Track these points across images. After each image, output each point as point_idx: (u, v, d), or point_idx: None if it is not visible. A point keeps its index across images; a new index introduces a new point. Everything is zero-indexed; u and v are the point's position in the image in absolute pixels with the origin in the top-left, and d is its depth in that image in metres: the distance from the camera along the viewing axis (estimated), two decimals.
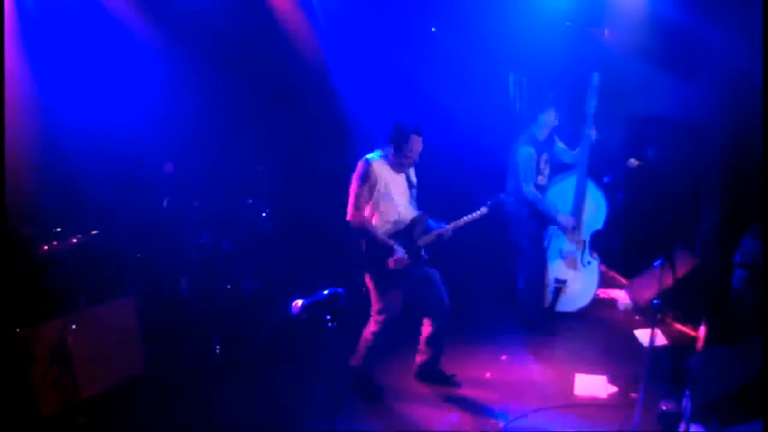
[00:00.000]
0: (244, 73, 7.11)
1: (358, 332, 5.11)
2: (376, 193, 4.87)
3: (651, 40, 6.73)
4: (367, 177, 4.84)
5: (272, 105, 7.36)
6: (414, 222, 4.98)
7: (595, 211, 6.18)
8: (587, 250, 6.28)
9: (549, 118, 5.98)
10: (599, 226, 6.26)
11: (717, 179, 6.75)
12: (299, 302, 4.15)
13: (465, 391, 5.23)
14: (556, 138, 6.18)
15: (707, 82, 6.67)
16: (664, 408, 4.77)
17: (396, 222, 4.93)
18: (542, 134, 6.01)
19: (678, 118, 6.96)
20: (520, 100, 7.72)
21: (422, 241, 4.99)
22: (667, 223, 6.75)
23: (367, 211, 4.90)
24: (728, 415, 4.12)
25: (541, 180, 6.07)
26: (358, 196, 4.85)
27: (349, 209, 4.86)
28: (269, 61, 7.24)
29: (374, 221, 4.91)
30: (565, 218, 6.13)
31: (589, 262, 6.31)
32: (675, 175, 6.91)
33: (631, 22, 6.75)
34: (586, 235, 6.27)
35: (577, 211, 6.14)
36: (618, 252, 7.43)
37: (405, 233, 4.95)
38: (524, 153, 5.91)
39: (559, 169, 6.25)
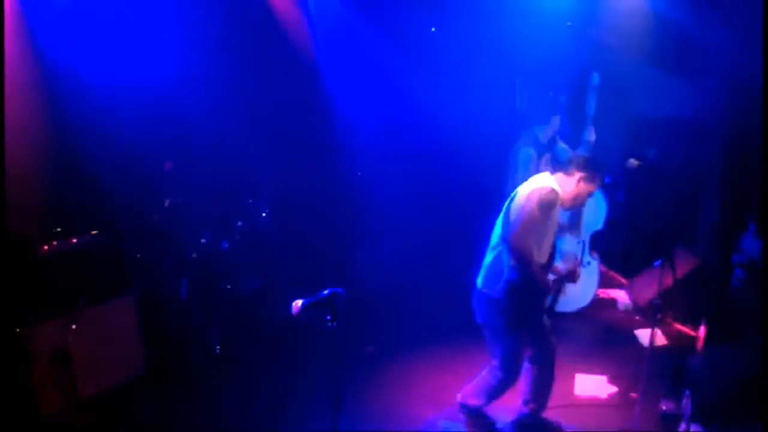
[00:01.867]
0: (243, 74, 7.12)
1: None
2: (545, 226, 4.23)
3: (651, 40, 6.73)
4: (551, 208, 4.18)
5: (272, 105, 7.37)
6: (552, 260, 4.45)
7: (595, 211, 6.18)
8: (587, 250, 6.27)
9: (553, 121, 5.98)
10: (599, 226, 6.25)
11: (717, 179, 6.75)
12: (299, 302, 4.16)
13: None
14: (557, 138, 6.18)
15: (707, 82, 6.68)
16: (664, 408, 4.77)
17: (543, 259, 4.34)
18: (545, 136, 6.02)
19: (678, 118, 6.96)
20: (520, 101, 7.72)
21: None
22: (667, 223, 6.74)
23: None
24: (728, 415, 4.12)
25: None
26: (534, 225, 4.15)
27: (519, 234, 4.12)
28: (270, 63, 7.25)
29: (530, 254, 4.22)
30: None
31: (588, 262, 6.31)
32: (675, 175, 6.91)
33: (631, 21, 6.75)
34: (586, 235, 6.26)
35: (577, 211, 6.14)
36: (618, 252, 7.43)
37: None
38: (524, 154, 5.92)
39: None
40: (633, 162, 5.34)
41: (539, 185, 4.22)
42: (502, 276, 4.30)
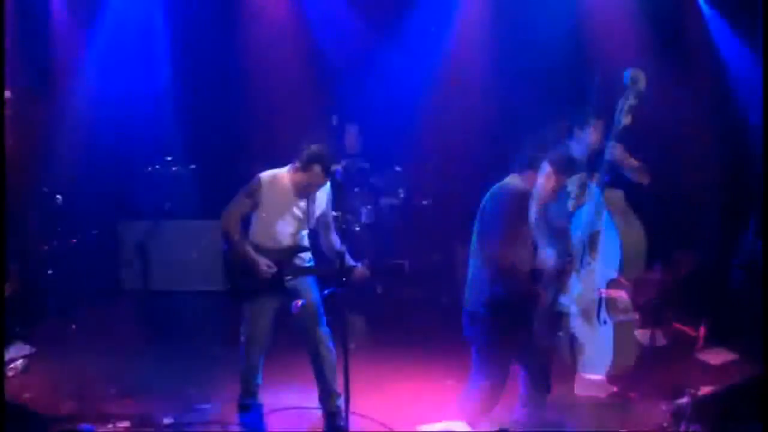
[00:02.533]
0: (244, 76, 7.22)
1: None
2: (518, 230, 4.05)
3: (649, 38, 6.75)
4: (521, 210, 4.02)
5: (272, 107, 7.41)
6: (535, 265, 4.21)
7: (595, 210, 5.33)
8: (587, 251, 5.87)
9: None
10: (599, 226, 5.27)
11: (717, 179, 6.77)
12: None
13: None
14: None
15: (706, 81, 6.70)
16: (664, 408, 4.77)
17: (525, 266, 4.12)
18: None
19: (677, 118, 6.93)
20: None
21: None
22: (667, 223, 6.73)
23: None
24: (728, 415, 4.12)
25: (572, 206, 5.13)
26: (507, 230, 3.97)
27: (493, 242, 3.99)
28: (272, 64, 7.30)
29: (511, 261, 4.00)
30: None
31: (589, 263, 6.09)
32: (675, 176, 6.91)
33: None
34: (585, 235, 5.34)
35: (588, 242, 5.07)
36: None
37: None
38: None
39: None
40: (632, 162, 5.30)
41: (503, 187, 4.13)
42: (482, 289, 4.10)
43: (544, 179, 4.15)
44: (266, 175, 4.51)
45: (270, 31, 7.40)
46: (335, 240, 4.63)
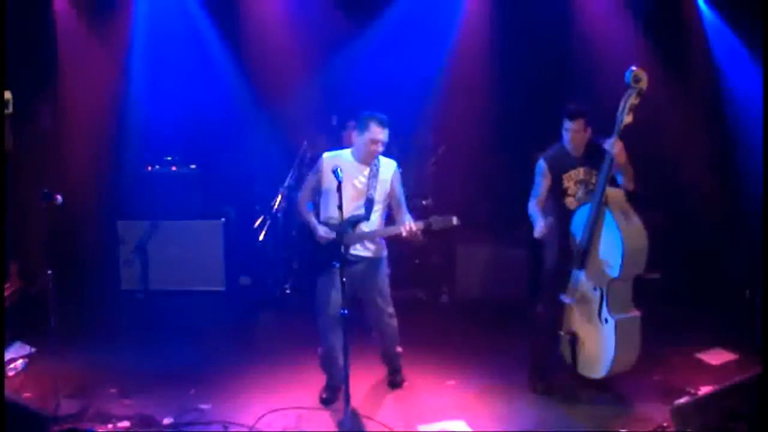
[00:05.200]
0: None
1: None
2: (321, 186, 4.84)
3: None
4: (315, 171, 4.89)
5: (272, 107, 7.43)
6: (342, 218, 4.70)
7: (612, 247, 4.75)
8: (605, 303, 4.96)
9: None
10: (616, 273, 4.76)
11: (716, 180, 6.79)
12: None
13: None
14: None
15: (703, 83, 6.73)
16: (664, 408, 4.75)
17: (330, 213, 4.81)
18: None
19: (675, 117, 6.93)
20: None
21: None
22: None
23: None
24: (728, 415, 4.12)
25: (571, 202, 5.01)
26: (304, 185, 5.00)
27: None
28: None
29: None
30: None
31: (606, 320, 5.70)
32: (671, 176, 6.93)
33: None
34: (604, 279, 4.82)
35: (588, 240, 4.78)
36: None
37: None
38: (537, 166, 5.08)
39: None
40: (628, 167, 5.15)
41: None
42: None
43: (357, 140, 4.73)
44: (328, 153, 4.83)
45: (269, 31, 7.40)
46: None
